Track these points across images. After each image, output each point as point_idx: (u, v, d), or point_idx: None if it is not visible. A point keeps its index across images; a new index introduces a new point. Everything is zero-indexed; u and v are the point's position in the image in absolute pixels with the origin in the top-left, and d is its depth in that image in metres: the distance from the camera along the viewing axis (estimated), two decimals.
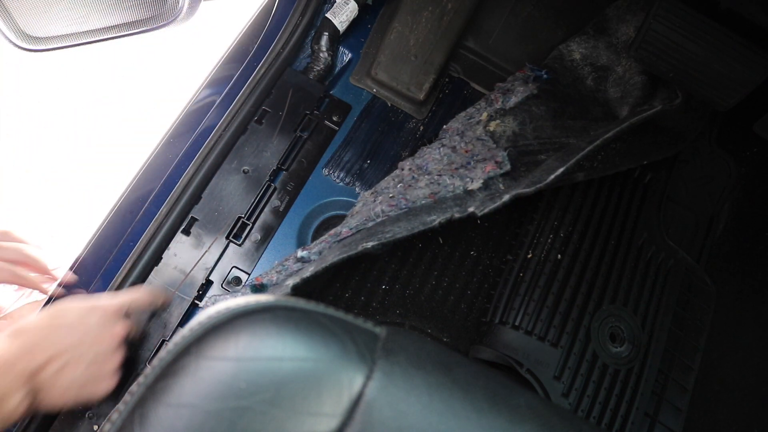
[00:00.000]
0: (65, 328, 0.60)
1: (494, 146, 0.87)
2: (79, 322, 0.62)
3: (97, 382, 0.63)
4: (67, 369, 0.59)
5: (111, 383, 0.64)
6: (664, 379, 0.84)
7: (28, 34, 0.66)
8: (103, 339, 0.62)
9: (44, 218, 1.56)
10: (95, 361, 0.61)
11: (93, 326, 0.62)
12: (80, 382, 0.60)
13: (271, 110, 0.87)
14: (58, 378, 0.58)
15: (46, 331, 0.59)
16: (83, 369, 0.60)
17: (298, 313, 0.32)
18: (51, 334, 0.59)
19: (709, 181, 1.03)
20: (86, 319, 0.62)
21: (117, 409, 0.31)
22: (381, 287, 0.84)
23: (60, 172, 1.63)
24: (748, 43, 0.78)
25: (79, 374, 0.60)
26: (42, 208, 1.58)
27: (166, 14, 0.70)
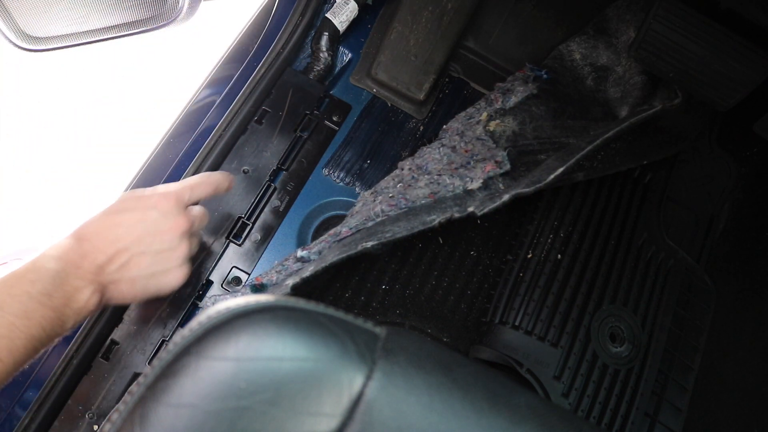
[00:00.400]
0: (126, 224, 0.60)
1: (494, 146, 0.87)
2: (139, 216, 0.61)
3: (165, 274, 0.63)
4: (132, 263, 0.59)
5: (179, 275, 0.64)
6: (664, 379, 0.84)
7: (28, 34, 0.66)
8: (165, 231, 0.62)
9: (44, 218, 1.56)
10: (159, 253, 0.61)
11: (154, 218, 0.61)
12: (147, 275, 0.61)
13: (271, 110, 0.87)
14: (123, 272, 0.59)
15: (108, 229, 0.59)
16: (148, 261, 0.61)
17: (298, 313, 0.32)
18: (112, 231, 0.59)
19: (709, 181, 1.03)
20: (146, 213, 0.62)
21: (117, 409, 0.31)
22: (381, 287, 0.84)
23: (60, 172, 1.63)
24: (748, 43, 0.78)
25: (145, 267, 0.60)
26: (42, 208, 1.58)
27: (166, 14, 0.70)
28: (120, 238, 0.59)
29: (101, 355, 0.73)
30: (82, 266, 0.56)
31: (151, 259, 0.61)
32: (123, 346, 0.74)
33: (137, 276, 0.61)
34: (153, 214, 0.62)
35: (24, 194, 1.60)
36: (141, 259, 0.60)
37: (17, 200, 1.58)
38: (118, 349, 0.74)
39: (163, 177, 0.82)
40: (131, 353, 0.74)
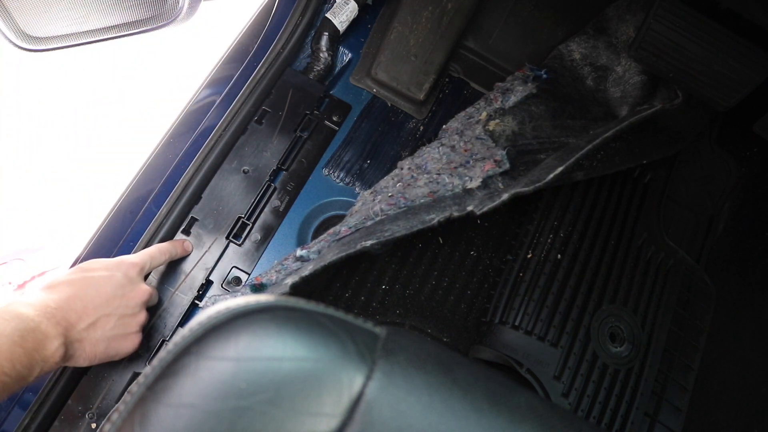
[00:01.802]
0: (94, 286, 0.62)
1: (493, 145, 0.87)
2: (106, 280, 0.64)
3: (124, 339, 0.65)
4: (99, 323, 0.62)
5: (135, 341, 0.67)
6: (664, 379, 0.84)
7: (28, 34, 0.66)
8: (130, 296, 0.65)
9: (44, 218, 1.56)
10: (122, 317, 0.64)
11: (119, 284, 0.64)
12: (109, 337, 0.63)
13: (271, 110, 0.87)
14: (89, 332, 0.61)
15: (77, 287, 0.61)
16: (112, 324, 0.63)
17: (298, 313, 0.32)
18: (81, 290, 0.61)
19: (709, 181, 1.03)
20: (113, 278, 0.64)
21: (117, 409, 0.31)
22: (381, 287, 0.84)
23: (60, 172, 1.63)
24: (748, 43, 0.78)
25: (109, 329, 0.63)
26: (42, 208, 1.58)
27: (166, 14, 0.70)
28: (90, 298, 0.61)
29: None
30: (54, 317, 0.57)
31: (114, 322, 0.64)
32: None
33: (100, 337, 0.62)
34: (119, 277, 0.65)
35: (24, 194, 1.60)
36: (106, 321, 0.63)
37: (17, 200, 1.58)
38: None
39: (163, 177, 0.82)
40: (131, 353, 0.74)
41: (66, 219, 1.55)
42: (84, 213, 1.55)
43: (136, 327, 0.67)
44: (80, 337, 0.60)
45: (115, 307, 0.63)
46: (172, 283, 0.78)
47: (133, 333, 0.66)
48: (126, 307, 0.65)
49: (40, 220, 1.56)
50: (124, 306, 0.65)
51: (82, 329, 0.60)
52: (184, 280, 0.78)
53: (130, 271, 0.67)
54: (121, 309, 0.64)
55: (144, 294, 0.67)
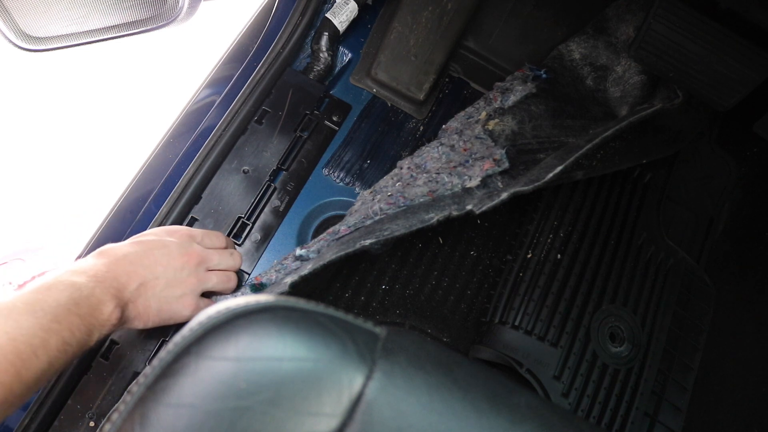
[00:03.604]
0: (142, 249, 0.64)
1: (493, 145, 0.87)
2: (155, 243, 0.66)
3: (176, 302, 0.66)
4: (148, 285, 0.63)
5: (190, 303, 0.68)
6: (664, 379, 0.84)
7: (28, 34, 0.66)
8: (178, 260, 0.66)
9: (44, 218, 1.56)
10: (172, 281, 0.65)
11: (167, 247, 0.66)
12: (159, 300, 0.65)
13: (271, 110, 0.87)
14: (140, 292, 0.63)
15: (126, 250, 0.63)
16: (161, 286, 0.64)
17: (298, 313, 0.32)
18: (130, 253, 0.63)
19: (709, 181, 1.03)
20: (161, 242, 0.66)
21: (117, 409, 0.31)
22: (381, 287, 0.84)
23: (60, 172, 1.63)
24: (748, 43, 0.78)
25: (159, 291, 0.64)
26: (42, 208, 1.58)
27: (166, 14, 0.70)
28: (137, 261, 0.63)
29: (101, 355, 0.73)
30: (105, 281, 0.59)
31: (164, 284, 0.65)
32: (123, 346, 0.74)
33: (151, 299, 0.64)
34: (169, 244, 0.67)
35: (24, 194, 1.60)
36: (155, 283, 0.64)
37: (17, 200, 1.58)
38: (118, 349, 0.74)
39: (163, 177, 0.82)
40: (131, 353, 0.74)
41: (66, 219, 1.55)
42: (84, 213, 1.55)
43: (188, 289, 0.67)
44: (132, 297, 0.62)
45: (163, 269, 0.65)
46: None
47: (186, 296, 0.67)
48: (175, 269, 0.66)
49: (40, 220, 1.56)
50: (173, 268, 0.66)
51: (133, 290, 0.62)
52: None
53: (180, 236, 0.69)
54: (170, 272, 0.65)
55: (194, 257, 0.68)
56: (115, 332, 0.74)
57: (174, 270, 0.66)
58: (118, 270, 0.61)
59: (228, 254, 0.74)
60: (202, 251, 0.70)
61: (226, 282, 0.73)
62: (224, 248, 0.75)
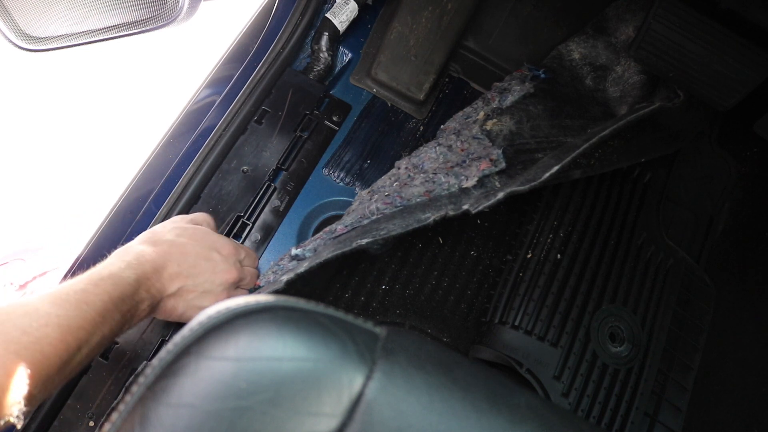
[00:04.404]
0: (192, 256, 0.67)
1: (490, 145, 0.87)
2: (205, 254, 0.68)
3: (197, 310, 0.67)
4: (183, 291, 0.66)
5: None
6: (664, 379, 0.84)
7: (28, 34, 0.66)
8: (218, 275, 0.69)
9: (44, 218, 1.56)
10: (204, 292, 0.68)
11: (214, 261, 0.69)
12: (185, 306, 0.67)
13: (270, 110, 0.87)
14: (171, 298, 0.65)
15: (178, 253, 0.66)
16: (193, 296, 0.67)
17: (298, 313, 0.32)
18: (181, 257, 0.66)
19: (709, 181, 1.03)
20: (211, 253, 0.69)
21: (117, 408, 0.31)
22: (381, 287, 0.84)
23: (60, 172, 1.63)
24: (748, 43, 0.78)
25: (189, 299, 0.67)
26: (42, 208, 1.58)
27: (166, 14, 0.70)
28: (185, 268, 0.66)
29: (101, 355, 0.73)
30: (150, 280, 0.62)
31: (199, 294, 0.67)
32: (123, 346, 0.74)
33: (183, 302, 0.67)
34: (215, 257, 0.69)
35: (24, 194, 1.60)
36: (192, 291, 0.67)
37: (17, 200, 1.58)
38: (117, 349, 0.74)
39: (163, 177, 0.82)
40: (131, 353, 0.74)
41: (66, 219, 1.55)
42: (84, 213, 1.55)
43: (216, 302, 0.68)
44: (167, 298, 0.65)
45: (201, 282, 0.67)
46: None
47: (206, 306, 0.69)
48: (211, 283, 0.68)
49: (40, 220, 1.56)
50: (209, 282, 0.68)
51: (171, 292, 0.65)
52: None
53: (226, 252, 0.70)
54: (207, 285, 0.68)
55: (234, 276, 0.70)
56: None
57: (212, 284, 0.68)
58: (164, 271, 0.63)
59: (255, 275, 0.77)
60: (241, 272, 0.72)
61: None
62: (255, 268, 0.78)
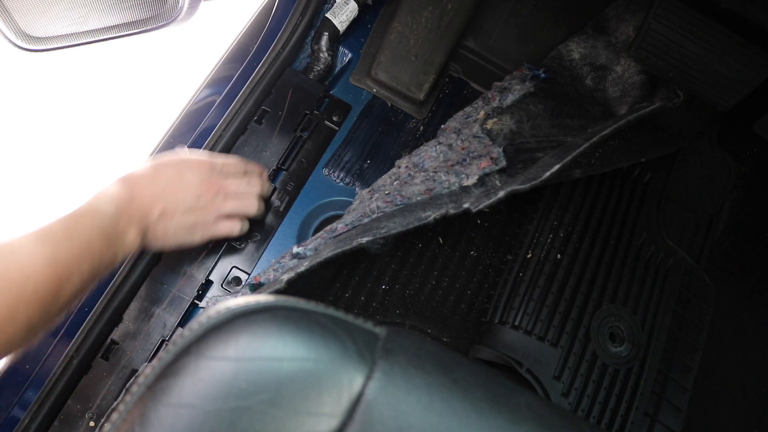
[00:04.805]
0: (165, 180, 0.69)
1: (491, 143, 0.87)
2: (177, 175, 0.70)
3: (191, 229, 0.72)
4: (167, 214, 0.68)
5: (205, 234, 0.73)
6: (664, 379, 0.84)
7: (28, 34, 0.66)
8: (196, 191, 0.71)
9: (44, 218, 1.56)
10: (189, 210, 0.70)
11: (188, 179, 0.71)
12: (177, 227, 0.70)
13: (270, 110, 0.87)
14: (160, 220, 0.68)
15: (151, 181, 0.68)
16: (179, 215, 0.69)
17: (299, 314, 0.32)
18: (155, 184, 0.68)
19: (709, 181, 1.03)
20: (183, 173, 0.71)
21: (117, 409, 0.31)
22: (381, 287, 0.84)
23: (60, 172, 1.63)
24: (748, 43, 0.78)
25: (177, 219, 0.69)
26: (42, 209, 1.58)
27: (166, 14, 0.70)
28: (160, 191, 0.68)
29: (101, 355, 0.73)
30: (130, 210, 0.64)
31: (182, 212, 0.70)
32: (123, 346, 0.74)
33: (170, 225, 0.69)
34: (189, 175, 0.71)
35: (23, 194, 1.60)
36: (174, 211, 0.69)
37: (17, 200, 1.58)
38: (117, 349, 0.74)
39: None
40: (131, 353, 0.74)
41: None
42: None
43: (202, 217, 0.72)
44: (153, 224, 0.67)
45: (182, 200, 0.69)
46: (172, 283, 0.78)
47: (200, 223, 0.72)
48: (193, 198, 0.70)
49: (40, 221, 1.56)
50: (191, 197, 0.70)
51: (154, 218, 0.67)
52: (184, 280, 0.78)
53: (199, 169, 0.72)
54: (189, 201, 0.70)
55: (212, 187, 0.72)
56: (115, 333, 0.74)
57: (193, 198, 0.70)
58: (141, 199, 0.66)
59: (246, 181, 0.77)
60: (219, 182, 0.73)
61: (246, 207, 0.76)
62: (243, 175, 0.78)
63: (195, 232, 0.72)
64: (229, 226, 0.75)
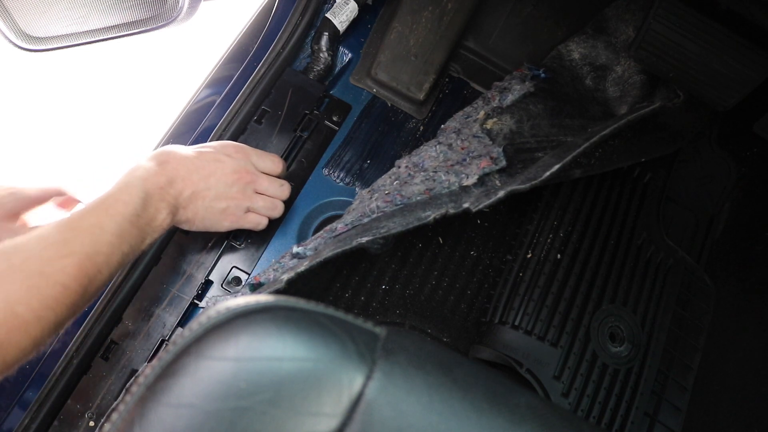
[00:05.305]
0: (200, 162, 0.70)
1: (491, 143, 0.87)
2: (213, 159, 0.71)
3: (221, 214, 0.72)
4: (198, 196, 0.69)
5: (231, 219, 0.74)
6: (664, 379, 0.84)
7: (28, 34, 0.66)
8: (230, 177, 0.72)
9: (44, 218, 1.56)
10: (219, 195, 0.71)
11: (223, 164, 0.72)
12: (206, 209, 0.70)
13: (270, 110, 0.87)
14: (190, 201, 0.68)
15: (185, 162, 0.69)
16: (210, 198, 0.70)
17: (298, 313, 0.32)
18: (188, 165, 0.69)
19: (709, 181, 1.03)
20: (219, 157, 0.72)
21: (117, 409, 0.31)
22: (381, 287, 0.84)
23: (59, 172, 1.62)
24: (748, 43, 0.78)
25: (207, 202, 0.70)
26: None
27: (166, 14, 0.70)
28: (193, 172, 0.69)
29: (101, 355, 0.73)
30: (163, 189, 0.65)
31: (213, 196, 0.70)
32: (122, 346, 0.74)
33: (201, 207, 0.70)
34: (225, 160, 0.72)
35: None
36: (206, 194, 0.70)
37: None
38: (117, 349, 0.74)
39: None
40: (131, 353, 0.74)
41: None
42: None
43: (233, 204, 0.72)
44: (184, 204, 0.68)
45: (214, 184, 0.70)
46: (172, 283, 0.78)
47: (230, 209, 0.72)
48: (225, 184, 0.71)
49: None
50: (224, 183, 0.71)
51: (186, 197, 0.68)
52: (184, 280, 0.78)
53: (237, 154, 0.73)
54: (221, 186, 0.71)
55: (246, 177, 0.73)
56: (115, 333, 0.74)
57: (225, 185, 0.71)
58: (176, 178, 0.66)
59: (278, 184, 0.77)
60: (254, 173, 0.74)
61: (272, 209, 0.77)
62: (277, 175, 0.78)
63: (224, 219, 0.73)
64: (257, 219, 0.76)
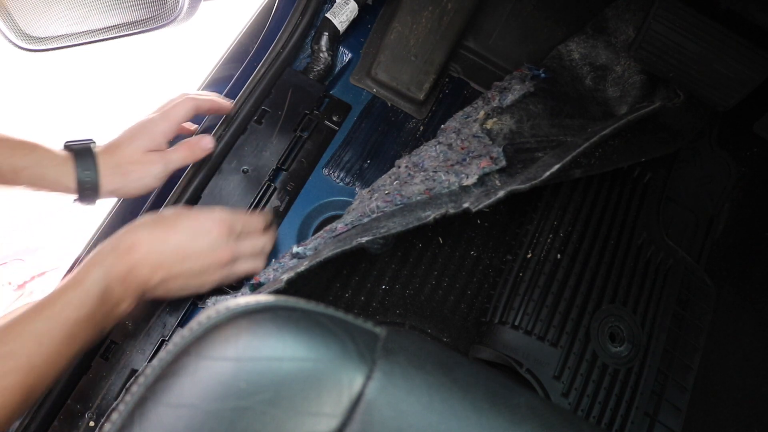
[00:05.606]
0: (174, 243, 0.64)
1: (490, 143, 0.87)
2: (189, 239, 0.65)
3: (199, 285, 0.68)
4: (170, 280, 0.64)
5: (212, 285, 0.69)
6: (664, 379, 0.85)
7: (28, 34, 0.66)
8: (208, 258, 0.66)
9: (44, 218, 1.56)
10: (194, 274, 0.66)
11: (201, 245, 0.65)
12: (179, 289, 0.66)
13: (270, 110, 0.87)
14: (160, 286, 0.64)
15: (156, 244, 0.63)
16: (184, 279, 0.65)
17: (299, 313, 0.32)
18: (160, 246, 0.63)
19: (709, 181, 1.03)
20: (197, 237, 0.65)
21: (117, 408, 0.31)
22: (381, 287, 0.84)
23: None
24: (748, 43, 0.78)
25: (180, 283, 0.66)
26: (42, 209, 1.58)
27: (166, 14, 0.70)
28: (165, 256, 0.63)
29: (101, 355, 0.73)
30: (127, 280, 0.60)
31: (187, 276, 0.66)
32: (122, 345, 0.74)
33: (173, 287, 0.66)
34: (202, 240, 0.66)
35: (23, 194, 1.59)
36: (178, 276, 0.65)
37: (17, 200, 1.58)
38: (117, 349, 0.74)
39: None
40: (131, 353, 0.74)
41: (66, 219, 1.55)
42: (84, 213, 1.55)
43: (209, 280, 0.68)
44: (152, 288, 0.63)
45: (189, 265, 0.65)
46: None
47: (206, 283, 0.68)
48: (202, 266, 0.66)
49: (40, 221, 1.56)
50: (200, 264, 0.66)
51: (154, 283, 0.63)
52: None
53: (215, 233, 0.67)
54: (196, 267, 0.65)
55: (225, 257, 0.67)
56: (115, 333, 0.74)
57: (201, 266, 0.66)
58: (142, 265, 0.61)
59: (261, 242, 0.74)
60: (233, 249, 0.69)
61: (253, 269, 0.74)
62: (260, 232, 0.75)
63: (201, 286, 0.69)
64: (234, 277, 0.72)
